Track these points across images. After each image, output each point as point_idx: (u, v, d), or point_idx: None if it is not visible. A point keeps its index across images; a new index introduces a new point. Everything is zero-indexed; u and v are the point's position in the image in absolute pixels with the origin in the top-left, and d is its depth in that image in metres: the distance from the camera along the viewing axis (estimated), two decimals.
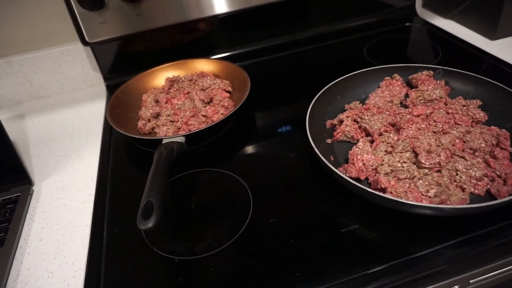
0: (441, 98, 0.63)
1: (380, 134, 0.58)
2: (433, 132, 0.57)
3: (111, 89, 0.83)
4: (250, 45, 0.92)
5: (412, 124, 0.58)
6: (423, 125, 0.58)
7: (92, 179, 0.64)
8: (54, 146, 0.74)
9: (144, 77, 0.80)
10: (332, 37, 0.95)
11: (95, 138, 0.74)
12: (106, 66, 0.87)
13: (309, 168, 0.59)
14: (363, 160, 0.53)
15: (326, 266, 0.45)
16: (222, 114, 0.69)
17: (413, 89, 0.67)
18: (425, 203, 0.47)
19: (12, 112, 0.87)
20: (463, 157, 0.52)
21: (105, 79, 0.88)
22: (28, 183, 0.64)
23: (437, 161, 0.50)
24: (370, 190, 0.45)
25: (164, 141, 0.60)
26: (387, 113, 0.61)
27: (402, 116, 0.61)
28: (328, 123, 0.64)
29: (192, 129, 0.66)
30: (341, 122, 0.62)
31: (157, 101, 0.73)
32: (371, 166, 0.53)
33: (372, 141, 0.57)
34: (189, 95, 0.73)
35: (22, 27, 0.83)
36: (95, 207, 0.58)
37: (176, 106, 0.70)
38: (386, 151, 0.55)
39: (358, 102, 0.66)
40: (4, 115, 0.86)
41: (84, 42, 0.78)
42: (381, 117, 0.60)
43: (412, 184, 0.49)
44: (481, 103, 0.61)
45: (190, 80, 0.79)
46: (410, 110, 0.62)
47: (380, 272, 0.44)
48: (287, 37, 0.94)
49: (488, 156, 0.53)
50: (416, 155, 0.53)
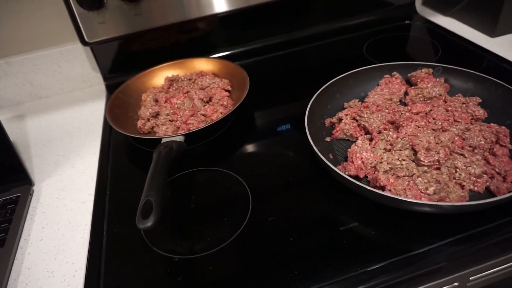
0: (440, 95, 0.63)
1: (379, 132, 0.58)
2: (432, 129, 0.57)
3: (111, 89, 0.84)
4: (249, 44, 0.92)
5: (411, 121, 0.57)
6: (422, 123, 0.57)
7: (92, 179, 0.64)
8: (54, 146, 0.75)
9: (143, 77, 0.80)
10: (331, 35, 0.95)
11: (95, 138, 0.75)
12: (106, 66, 0.87)
13: (308, 167, 0.59)
14: (362, 158, 0.53)
15: (325, 264, 0.45)
16: (221, 113, 0.69)
17: (413, 87, 0.67)
18: (424, 201, 0.47)
19: (12, 113, 0.87)
20: (462, 155, 0.52)
21: (105, 79, 0.88)
22: (28, 183, 0.64)
23: (436, 158, 0.50)
24: (369, 188, 0.45)
25: (163, 141, 0.60)
26: (386, 111, 0.61)
27: (401, 114, 0.61)
28: (327, 121, 0.64)
29: (191, 128, 0.66)
30: (340, 120, 0.61)
31: (156, 101, 0.73)
32: (370, 164, 0.53)
33: (371, 139, 0.57)
34: (188, 94, 0.73)
35: (21, 27, 0.83)
36: (95, 207, 0.58)
37: (176, 106, 0.70)
38: (385, 149, 0.55)
39: (358, 100, 0.66)
40: (4, 116, 0.86)
41: (84, 42, 0.78)
42: (380, 115, 0.60)
43: (411, 181, 0.49)
44: (480, 101, 0.61)
45: (189, 79, 0.79)
46: (409, 108, 0.62)
47: (379, 269, 0.44)
48: (286, 36, 0.94)
49: (488, 153, 0.53)
50: (415, 152, 0.53)
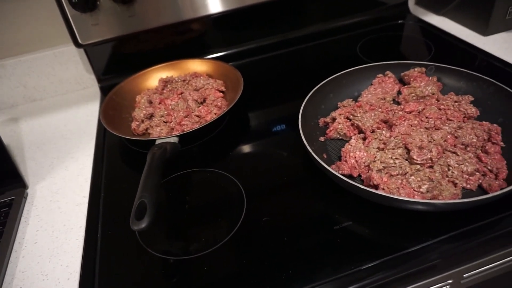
0: (433, 94, 0.64)
1: (373, 131, 0.58)
2: (425, 128, 0.57)
3: (105, 91, 0.83)
4: (243, 44, 0.93)
5: (404, 120, 0.58)
6: (415, 122, 0.58)
7: (87, 181, 0.64)
8: (48, 149, 0.74)
9: (137, 78, 0.80)
10: (325, 36, 0.95)
11: (89, 140, 0.74)
12: (100, 68, 0.87)
13: (303, 166, 0.59)
14: (355, 157, 0.53)
15: (320, 263, 0.45)
16: (215, 114, 0.69)
17: (406, 86, 0.67)
18: (417, 199, 0.47)
19: (6, 115, 0.87)
20: (455, 153, 0.52)
21: (99, 81, 0.88)
22: (22, 186, 0.64)
23: (429, 157, 0.51)
24: (362, 187, 0.46)
25: (158, 142, 0.60)
26: (380, 110, 0.62)
27: (395, 113, 0.61)
28: (321, 121, 0.64)
29: (185, 129, 0.66)
30: (334, 120, 0.62)
31: (150, 102, 0.73)
32: (364, 163, 0.53)
33: (364, 138, 0.58)
34: (183, 95, 0.73)
35: (14, 30, 0.83)
36: (89, 209, 0.58)
37: (170, 107, 0.70)
38: (378, 147, 0.55)
39: (351, 99, 0.67)
40: None
41: (77, 44, 0.78)
42: (373, 114, 0.60)
43: (404, 180, 0.50)
44: (472, 99, 0.61)
45: (184, 81, 0.79)
46: (403, 106, 0.62)
47: (374, 268, 0.44)
48: (280, 36, 0.94)
49: (480, 151, 0.53)
50: (408, 151, 0.53)
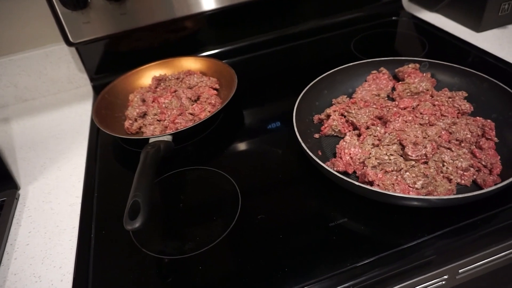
0: (427, 90, 0.64)
1: (367, 128, 0.58)
2: (420, 124, 0.57)
3: (98, 90, 0.82)
4: (237, 42, 0.92)
5: (399, 116, 0.58)
6: (410, 118, 0.58)
7: (80, 181, 0.63)
8: (40, 149, 0.73)
9: (130, 77, 0.79)
10: (319, 32, 0.95)
11: (82, 139, 0.73)
12: (92, 67, 0.86)
13: (297, 164, 0.59)
14: (350, 154, 0.53)
15: (316, 260, 0.45)
16: (209, 111, 0.69)
17: (400, 82, 0.67)
18: (412, 195, 0.47)
19: None
20: (449, 148, 0.52)
21: (91, 80, 0.87)
22: (14, 187, 0.63)
23: (424, 153, 0.51)
24: (357, 183, 0.46)
25: (151, 140, 0.59)
26: (374, 106, 0.61)
27: (389, 109, 0.61)
28: (316, 118, 0.64)
29: (179, 128, 0.65)
30: (329, 116, 0.61)
31: (143, 101, 0.73)
32: (359, 159, 0.53)
33: (359, 135, 0.57)
34: (176, 93, 0.73)
35: (5, 29, 0.81)
36: (83, 209, 0.57)
37: (163, 105, 0.70)
38: (373, 144, 0.55)
39: (345, 96, 0.66)
40: None
41: (68, 43, 0.77)
42: (368, 111, 0.60)
43: (399, 176, 0.50)
44: (466, 95, 0.61)
45: (177, 79, 0.78)
46: (397, 103, 0.62)
47: (370, 264, 0.44)
48: (274, 33, 0.93)
49: (474, 147, 0.54)
50: (403, 147, 0.53)
